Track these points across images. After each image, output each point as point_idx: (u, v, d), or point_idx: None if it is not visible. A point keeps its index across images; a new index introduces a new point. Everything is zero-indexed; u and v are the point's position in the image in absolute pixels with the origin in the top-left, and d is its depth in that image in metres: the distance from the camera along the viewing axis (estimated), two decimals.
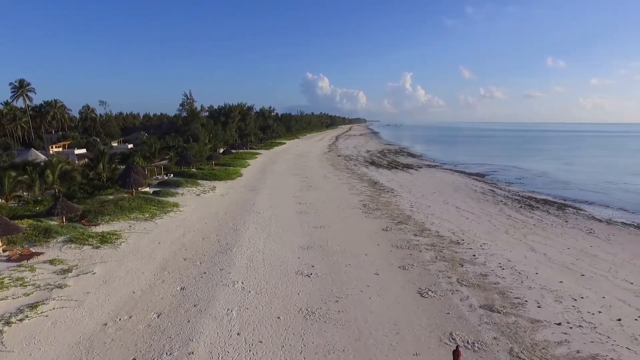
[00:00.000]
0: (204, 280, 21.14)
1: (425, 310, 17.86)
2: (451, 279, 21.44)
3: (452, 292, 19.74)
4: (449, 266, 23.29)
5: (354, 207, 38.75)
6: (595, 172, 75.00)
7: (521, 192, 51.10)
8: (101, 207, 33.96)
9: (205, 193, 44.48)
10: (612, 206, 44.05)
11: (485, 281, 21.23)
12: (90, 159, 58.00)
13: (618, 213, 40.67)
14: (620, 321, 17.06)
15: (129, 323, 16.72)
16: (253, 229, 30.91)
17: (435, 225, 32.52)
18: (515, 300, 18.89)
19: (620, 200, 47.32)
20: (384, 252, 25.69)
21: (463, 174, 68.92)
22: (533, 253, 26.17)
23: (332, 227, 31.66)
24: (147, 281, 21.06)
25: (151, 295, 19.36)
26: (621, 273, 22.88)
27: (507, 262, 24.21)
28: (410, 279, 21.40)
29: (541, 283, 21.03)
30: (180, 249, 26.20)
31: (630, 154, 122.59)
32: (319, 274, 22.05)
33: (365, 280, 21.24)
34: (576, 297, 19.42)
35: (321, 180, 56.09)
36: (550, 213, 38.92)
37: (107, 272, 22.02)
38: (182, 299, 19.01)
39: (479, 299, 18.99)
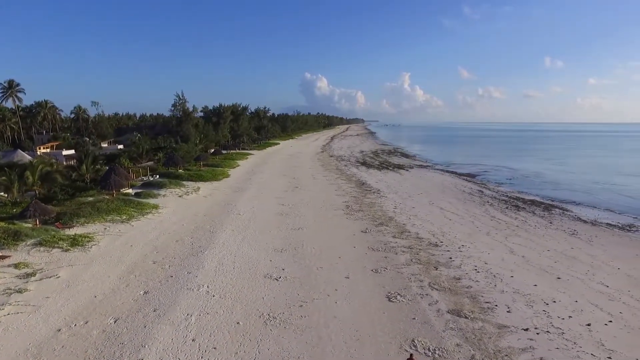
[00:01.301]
0: (169, 284, 20.63)
1: (390, 316, 17.36)
2: (423, 282, 20.96)
3: (421, 297, 19.25)
4: (422, 269, 22.82)
5: (337, 209, 38.26)
6: (587, 172, 74.67)
7: (509, 193, 50.67)
8: (77, 209, 33.44)
9: (188, 194, 43.95)
10: (599, 207, 43.64)
11: (457, 285, 20.75)
12: (75, 160, 57.56)
13: (605, 214, 40.26)
14: (589, 326, 16.60)
15: (84, 329, 16.22)
16: (230, 231, 30.41)
17: (416, 226, 32.05)
18: (485, 305, 18.42)
19: (608, 201, 46.93)
20: (359, 255, 25.21)
21: (454, 174, 68.51)
22: (511, 255, 25.72)
23: (310, 228, 31.18)
24: (111, 285, 20.55)
25: (112, 300, 18.84)
26: (598, 276, 22.43)
27: (483, 264, 23.75)
28: (381, 283, 20.91)
29: (515, 287, 20.56)
30: (152, 251, 25.69)
31: (623, 154, 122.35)
32: (288, 277, 21.56)
33: (334, 283, 20.75)
34: (548, 301, 18.96)
35: (309, 181, 55.63)
36: (536, 214, 38.48)
37: (72, 276, 21.51)
38: (143, 303, 18.50)
39: (448, 304, 18.51)
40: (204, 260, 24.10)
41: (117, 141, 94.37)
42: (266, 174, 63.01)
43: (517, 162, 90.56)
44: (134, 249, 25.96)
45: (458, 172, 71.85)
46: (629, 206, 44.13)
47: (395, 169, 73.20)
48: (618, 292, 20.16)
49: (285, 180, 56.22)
